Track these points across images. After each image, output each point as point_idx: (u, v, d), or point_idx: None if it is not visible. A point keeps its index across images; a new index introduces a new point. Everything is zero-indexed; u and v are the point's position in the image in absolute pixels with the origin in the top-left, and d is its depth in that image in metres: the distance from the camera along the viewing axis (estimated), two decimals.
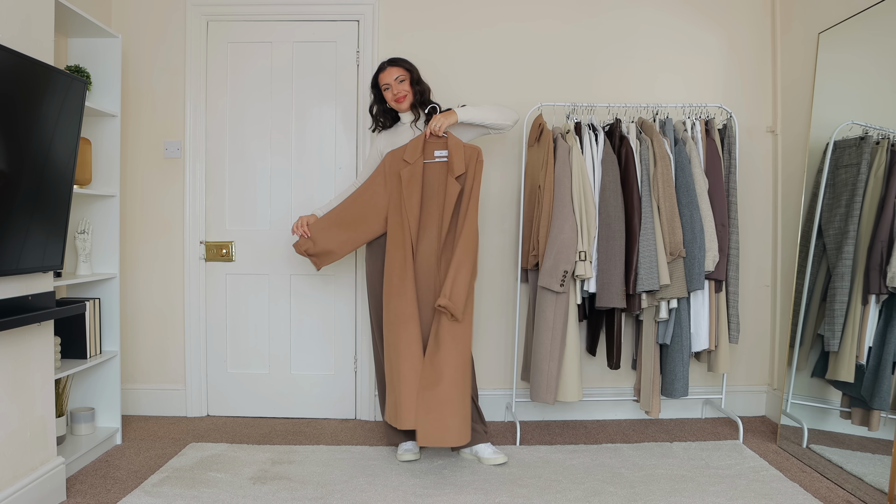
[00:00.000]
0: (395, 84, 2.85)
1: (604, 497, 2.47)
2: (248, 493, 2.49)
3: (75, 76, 2.34)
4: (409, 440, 2.89)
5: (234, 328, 3.50)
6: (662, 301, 2.99)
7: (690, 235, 2.97)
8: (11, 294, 2.16)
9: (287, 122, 3.45)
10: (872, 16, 2.73)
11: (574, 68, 3.44)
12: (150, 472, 2.70)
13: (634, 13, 3.45)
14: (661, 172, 2.99)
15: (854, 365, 2.66)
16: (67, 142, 2.33)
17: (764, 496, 2.47)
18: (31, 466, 2.30)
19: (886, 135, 2.62)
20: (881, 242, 2.56)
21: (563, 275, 2.88)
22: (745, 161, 3.47)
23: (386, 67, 2.88)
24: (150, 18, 3.42)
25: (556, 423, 3.40)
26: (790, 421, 3.02)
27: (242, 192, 3.47)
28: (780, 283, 3.46)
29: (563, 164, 2.96)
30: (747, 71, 3.50)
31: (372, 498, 2.46)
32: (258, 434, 3.22)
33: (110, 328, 3.04)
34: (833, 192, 2.87)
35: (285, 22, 3.42)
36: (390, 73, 2.86)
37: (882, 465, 2.47)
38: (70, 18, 2.70)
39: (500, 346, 3.48)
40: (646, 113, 3.29)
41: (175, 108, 3.44)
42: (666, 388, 3.07)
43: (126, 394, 3.45)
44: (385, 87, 2.87)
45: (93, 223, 3.01)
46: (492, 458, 2.80)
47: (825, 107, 3.00)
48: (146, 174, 3.46)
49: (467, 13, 3.42)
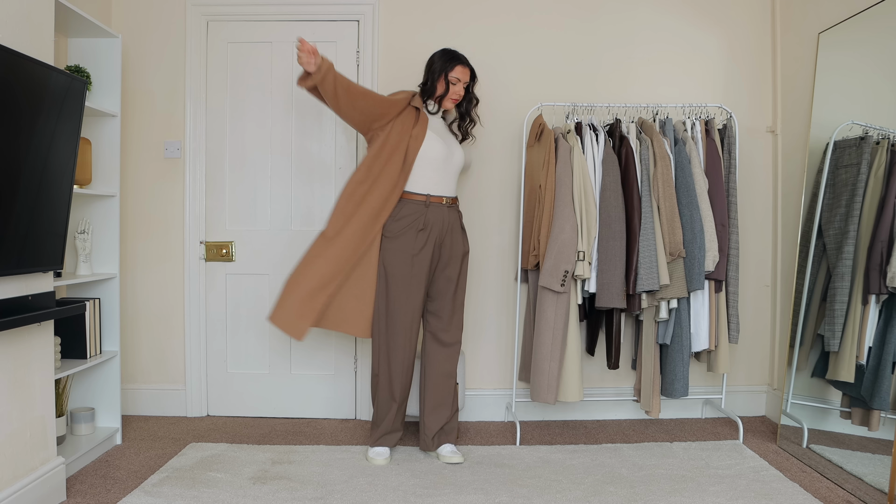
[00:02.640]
0: (461, 86, 2.85)
1: (604, 497, 2.47)
2: (248, 493, 2.49)
3: (75, 76, 2.34)
4: (382, 445, 2.89)
5: (234, 328, 3.50)
6: (662, 301, 2.99)
7: (690, 235, 2.97)
8: (11, 294, 2.16)
9: (287, 122, 3.45)
10: (872, 16, 2.73)
11: (574, 68, 3.44)
12: (150, 472, 2.70)
13: (634, 13, 3.45)
14: (661, 172, 2.99)
15: (854, 365, 2.66)
16: (67, 142, 2.33)
17: (764, 496, 2.47)
18: (31, 466, 2.30)
19: (886, 135, 2.62)
20: (881, 242, 2.56)
21: (563, 275, 2.88)
22: (745, 161, 3.47)
23: (466, 65, 2.85)
24: (150, 18, 3.42)
25: (556, 423, 3.40)
26: (790, 421, 3.02)
27: (242, 192, 3.47)
28: (780, 283, 3.46)
29: (565, 163, 2.96)
30: (747, 71, 3.50)
31: (372, 498, 2.46)
32: (258, 434, 3.22)
33: (110, 328, 3.04)
34: (833, 192, 2.88)
35: (285, 22, 3.42)
36: (466, 73, 2.84)
37: (882, 465, 2.47)
38: (70, 18, 2.70)
39: (500, 346, 3.48)
40: (646, 113, 3.29)
41: (175, 108, 3.43)
42: (666, 388, 3.07)
43: (126, 394, 3.45)
44: (454, 81, 2.83)
45: (93, 223, 3.01)
46: (449, 456, 2.84)
47: (825, 107, 3.00)
48: (146, 174, 3.46)
49: (467, 13, 3.42)
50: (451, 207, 2.85)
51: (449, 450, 2.86)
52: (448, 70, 2.82)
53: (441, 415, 2.89)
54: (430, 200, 2.78)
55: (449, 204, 2.84)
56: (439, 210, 2.80)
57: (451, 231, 2.84)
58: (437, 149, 2.77)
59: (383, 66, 3.40)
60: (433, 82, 2.84)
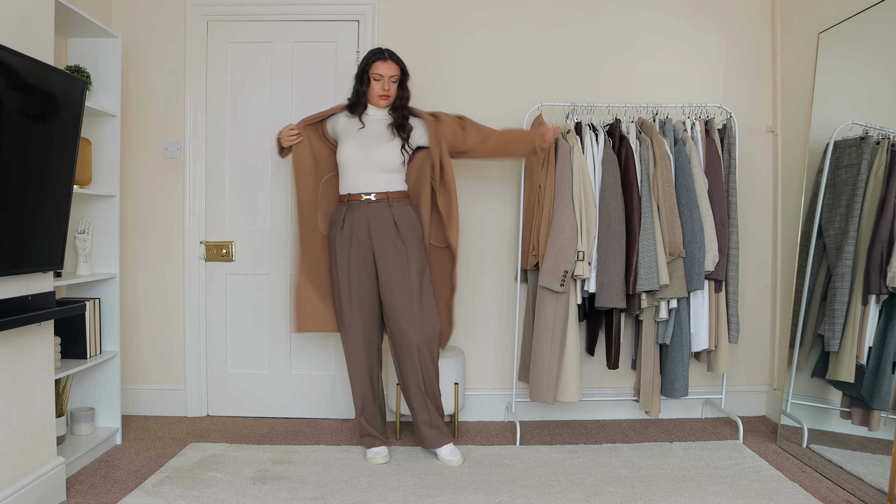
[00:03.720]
0: (387, 80, 2.82)
1: (604, 497, 2.47)
2: (248, 493, 2.49)
3: (75, 76, 2.34)
4: (379, 444, 2.90)
5: (234, 328, 3.50)
6: (662, 301, 2.99)
7: (690, 235, 2.97)
8: (11, 294, 2.16)
9: (287, 122, 3.45)
10: (872, 16, 2.73)
11: (574, 68, 3.44)
12: (150, 472, 2.70)
13: (634, 13, 3.45)
14: (660, 172, 2.99)
15: (854, 365, 2.66)
16: (67, 142, 2.33)
17: (764, 496, 2.47)
18: (31, 466, 2.30)
19: (886, 135, 2.62)
20: (881, 242, 2.56)
21: (563, 275, 2.88)
22: (745, 161, 3.47)
23: (387, 59, 2.82)
24: (150, 18, 3.42)
25: (556, 423, 3.40)
26: (790, 421, 3.02)
27: (242, 192, 3.47)
28: (780, 283, 3.46)
29: (565, 163, 2.96)
30: (747, 71, 3.50)
31: (372, 498, 2.46)
32: (258, 434, 3.22)
33: (110, 328, 3.04)
34: (833, 192, 2.88)
35: (285, 22, 3.42)
36: (390, 67, 2.81)
37: (882, 465, 2.47)
38: (70, 18, 2.70)
39: (499, 346, 3.48)
40: (646, 113, 3.29)
41: (175, 108, 3.43)
42: (666, 388, 3.07)
43: (126, 394, 3.45)
44: (377, 78, 2.81)
45: (93, 223, 3.01)
46: (447, 458, 2.83)
47: (825, 107, 3.00)
48: (146, 174, 3.46)
49: (467, 13, 3.42)
50: (378, 203, 2.82)
51: (447, 451, 2.86)
52: (369, 68, 2.83)
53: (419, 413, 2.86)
54: (350, 199, 2.85)
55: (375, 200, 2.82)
56: (361, 207, 2.82)
57: (379, 226, 2.81)
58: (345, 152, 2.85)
59: None
60: (357, 83, 2.87)
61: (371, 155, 2.81)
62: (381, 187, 2.83)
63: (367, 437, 2.91)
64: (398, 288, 2.79)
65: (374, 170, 2.82)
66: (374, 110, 2.89)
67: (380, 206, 2.82)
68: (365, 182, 2.83)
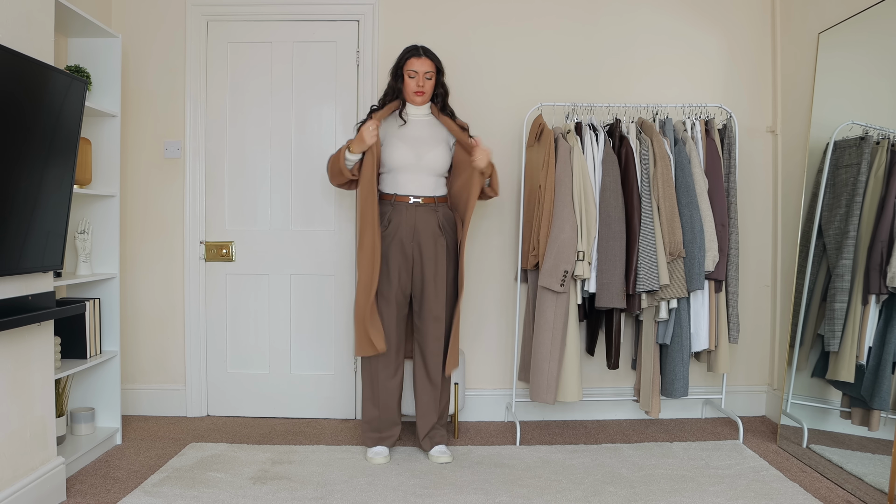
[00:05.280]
0: (422, 77, 2.80)
1: (604, 497, 2.47)
2: (248, 493, 2.49)
3: (75, 76, 2.34)
4: (380, 444, 2.91)
5: (234, 328, 3.50)
6: (662, 301, 2.99)
7: (690, 235, 2.97)
8: (11, 294, 2.16)
9: (287, 122, 3.45)
10: (872, 16, 2.73)
11: (574, 68, 3.44)
12: (150, 472, 2.70)
13: (634, 13, 3.45)
14: (660, 172, 2.99)
15: (854, 365, 2.66)
16: (67, 142, 2.33)
17: (764, 496, 2.47)
18: (31, 466, 2.30)
19: (886, 135, 2.62)
20: (881, 242, 2.56)
21: (563, 275, 2.88)
22: (745, 161, 3.47)
23: (422, 56, 2.81)
24: (150, 18, 3.42)
25: (556, 423, 3.40)
26: (790, 421, 3.02)
27: (242, 192, 3.47)
28: (780, 283, 3.46)
29: (565, 163, 2.96)
30: (747, 71, 3.50)
31: (372, 498, 2.46)
32: (258, 434, 3.22)
33: (110, 328, 3.04)
34: (833, 192, 2.88)
35: (285, 22, 3.42)
36: (424, 63, 2.80)
37: (882, 465, 2.47)
38: (70, 18, 2.70)
39: (499, 346, 3.48)
40: (646, 113, 3.29)
41: (175, 108, 3.43)
42: (666, 388, 3.07)
43: (126, 394, 3.45)
44: (411, 75, 2.80)
45: (93, 223, 3.01)
46: (437, 456, 2.85)
47: (825, 107, 3.00)
48: (146, 174, 3.46)
49: (467, 13, 3.42)
50: (425, 206, 2.83)
51: (438, 450, 2.87)
52: (403, 65, 2.83)
53: (426, 421, 2.91)
54: (397, 199, 2.83)
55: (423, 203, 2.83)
56: (408, 210, 2.81)
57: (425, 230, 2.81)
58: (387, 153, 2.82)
59: (383, 67, 3.39)
60: (392, 79, 2.86)
61: (423, 157, 2.82)
62: (429, 191, 2.84)
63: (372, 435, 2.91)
64: (432, 293, 2.83)
65: (425, 172, 2.83)
66: (413, 108, 2.89)
67: (426, 210, 2.83)
68: (414, 184, 2.82)
